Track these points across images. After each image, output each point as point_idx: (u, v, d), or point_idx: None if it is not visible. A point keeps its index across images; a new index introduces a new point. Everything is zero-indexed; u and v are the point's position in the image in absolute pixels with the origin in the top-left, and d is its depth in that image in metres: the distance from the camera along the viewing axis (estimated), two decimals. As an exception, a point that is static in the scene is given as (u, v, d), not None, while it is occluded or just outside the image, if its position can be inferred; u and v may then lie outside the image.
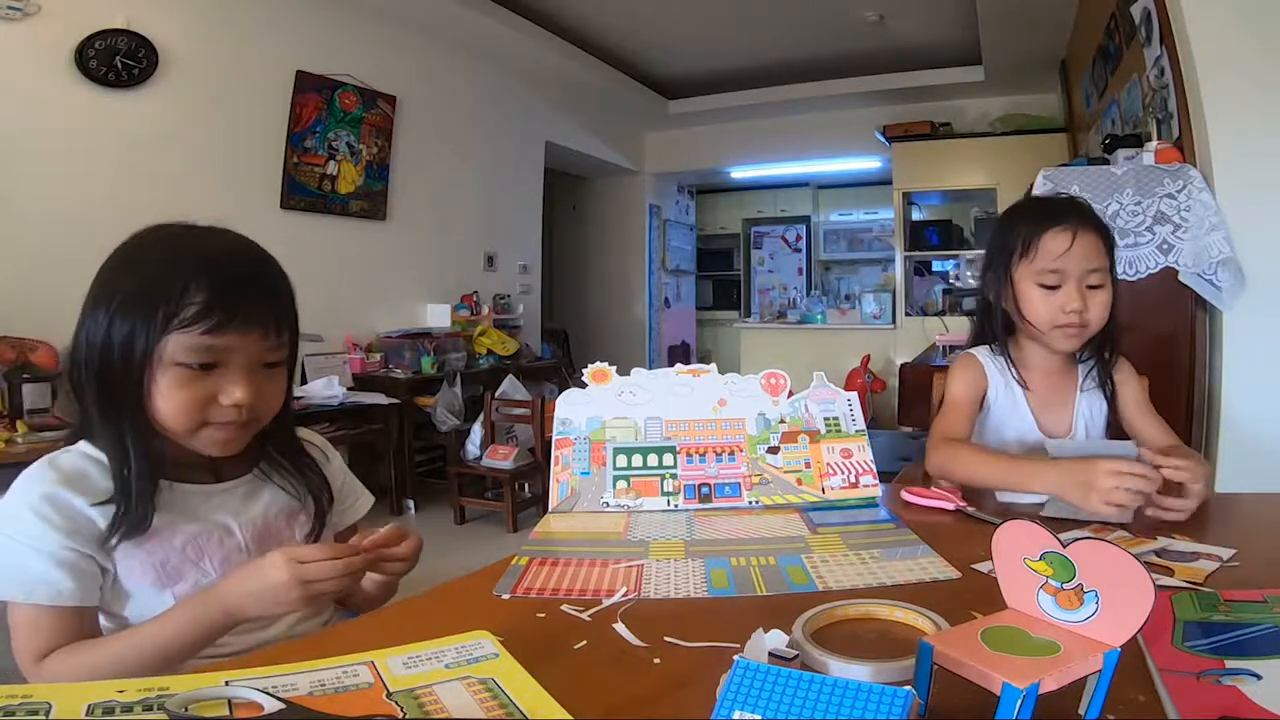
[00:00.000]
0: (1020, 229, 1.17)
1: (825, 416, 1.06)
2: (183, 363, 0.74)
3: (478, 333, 4.47)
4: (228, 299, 0.74)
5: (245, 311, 0.75)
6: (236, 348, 0.76)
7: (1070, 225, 1.13)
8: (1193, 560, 0.73)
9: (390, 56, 4.16)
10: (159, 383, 0.74)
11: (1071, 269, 1.12)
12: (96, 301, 0.75)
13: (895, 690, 0.39)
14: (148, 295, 0.73)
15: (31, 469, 0.74)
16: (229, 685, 0.47)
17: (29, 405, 2.54)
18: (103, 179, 2.96)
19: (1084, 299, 1.13)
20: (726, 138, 6.66)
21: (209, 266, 0.75)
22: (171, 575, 0.76)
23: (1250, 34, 1.89)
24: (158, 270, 0.75)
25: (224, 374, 0.76)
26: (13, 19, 2.66)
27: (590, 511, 0.98)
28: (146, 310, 0.73)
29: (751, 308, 8.29)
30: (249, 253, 0.81)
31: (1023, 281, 1.17)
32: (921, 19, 4.67)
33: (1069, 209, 1.16)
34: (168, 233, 0.80)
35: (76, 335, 0.76)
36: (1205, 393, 2.00)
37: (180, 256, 0.76)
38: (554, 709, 0.46)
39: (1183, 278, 1.91)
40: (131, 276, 0.75)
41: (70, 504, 0.72)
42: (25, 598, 0.69)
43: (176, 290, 0.72)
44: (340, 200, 3.92)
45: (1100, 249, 1.14)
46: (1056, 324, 1.14)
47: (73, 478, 0.73)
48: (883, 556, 0.78)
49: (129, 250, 0.79)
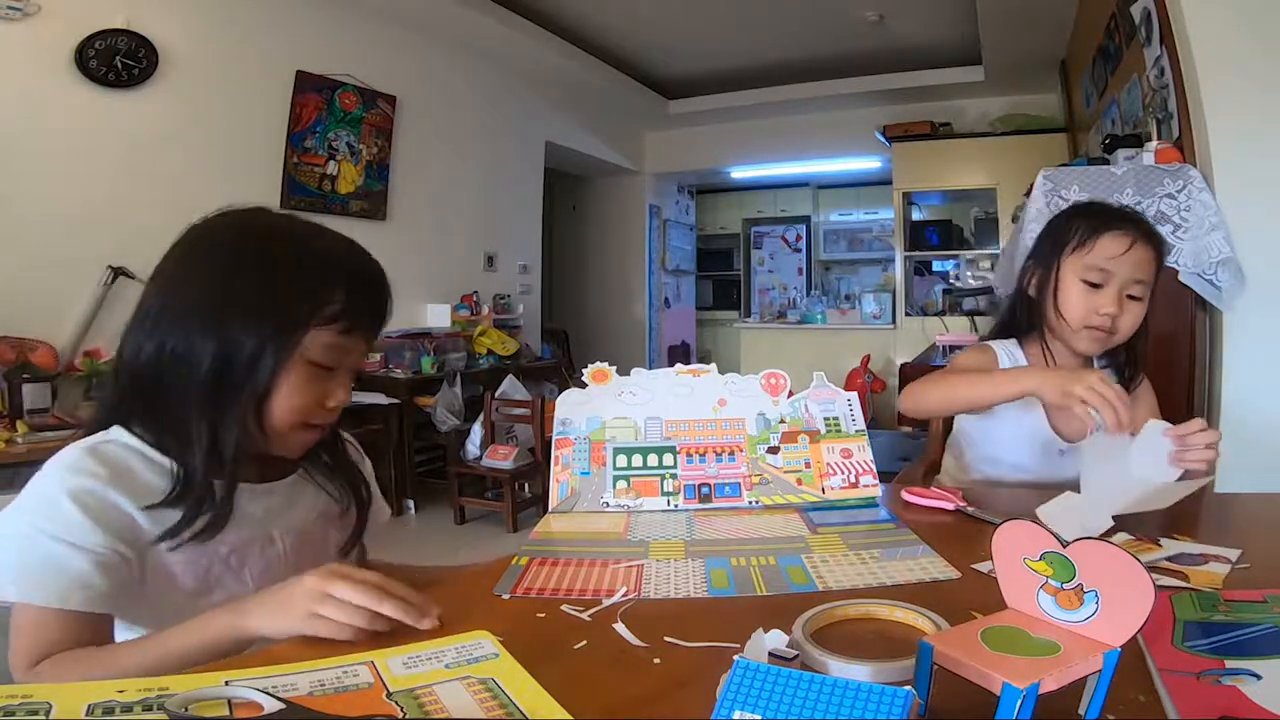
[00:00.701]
0: (1080, 223, 1.18)
1: (825, 416, 1.06)
2: (315, 361, 0.73)
3: (478, 333, 4.47)
4: (362, 300, 0.75)
5: (373, 314, 0.77)
6: (354, 351, 0.76)
7: (1131, 232, 1.14)
8: (1203, 564, 0.73)
9: (390, 56, 4.16)
10: (289, 379, 0.71)
11: (1119, 273, 1.13)
12: (205, 302, 0.70)
13: (895, 690, 0.39)
14: (288, 291, 0.71)
15: (69, 456, 0.68)
16: (229, 685, 0.47)
17: (29, 405, 2.54)
18: (103, 179, 2.96)
19: (1120, 305, 1.14)
20: (726, 138, 6.66)
21: (347, 266, 0.75)
22: (211, 585, 0.72)
23: (1250, 34, 1.89)
24: (297, 267, 0.73)
25: (334, 376, 0.75)
26: (13, 19, 2.66)
27: (590, 511, 0.98)
28: (286, 307, 0.71)
29: (751, 308, 8.29)
30: (371, 258, 0.80)
31: (1068, 274, 1.18)
32: (921, 19, 4.67)
33: (1134, 218, 1.18)
34: (286, 229, 0.77)
35: (167, 338, 0.70)
36: (1205, 393, 2.00)
37: (317, 254, 0.75)
38: (554, 709, 0.46)
39: (1183, 278, 1.91)
40: (261, 273, 0.72)
41: (117, 501, 0.67)
42: (60, 603, 0.62)
43: (319, 287, 0.72)
44: (340, 200, 3.92)
45: (1151, 265, 1.15)
46: (1088, 324, 1.15)
47: (120, 471, 0.68)
48: (883, 556, 0.78)
49: (240, 245, 0.74)
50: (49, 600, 0.62)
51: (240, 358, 0.69)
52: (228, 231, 0.76)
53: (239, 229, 0.76)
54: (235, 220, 0.77)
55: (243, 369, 0.70)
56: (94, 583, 0.64)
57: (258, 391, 0.70)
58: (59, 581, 0.63)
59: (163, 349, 0.70)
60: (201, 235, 0.76)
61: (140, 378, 0.71)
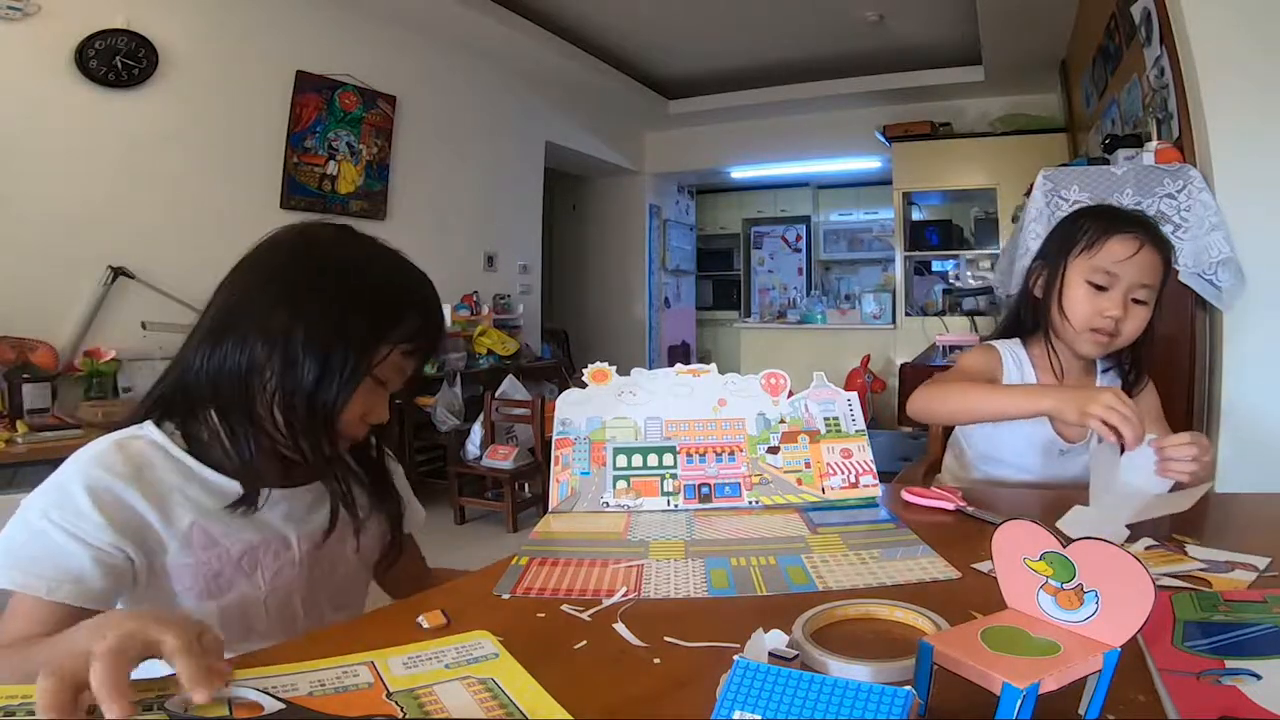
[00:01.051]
0: (1088, 224, 1.18)
1: (825, 416, 1.06)
2: (380, 378, 0.75)
3: (478, 333, 4.47)
4: (431, 331, 0.79)
5: (436, 341, 0.81)
6: (407, 372, 0.79)
7: (1140, 236, 1.14)
8: (1229, 571, 0.72)
9: (390, 56, 4.16)
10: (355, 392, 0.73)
11: (1125, 276, 1.13)
12: (312, 317, 0.71)
13: (895, 690, 0.39)
14: (378, 310, 0.74)
15: (98, 448, 0.69)
16: (229, 685, 0.47)
17: (29, 405, 2.54)
18: (103, 179, 2.96)
19: (1125, 309, 1.13)
20: (726, 138, 6.66)
21: (425, 291, 0.80)
22: (223, 587, 0.72)
23: (1250, 34, 1.89)
24: (389, 288, 0.77)
25: (382, 394, 0.78)
26: (13, 19, 2.66)
27: (590, 511, 0.98)
28: (374, 325, 0.74)
29: (751, 308, 8.29)
30: (436, 291, 0.83)
31: (1074, 275, 1.17)
32: (921, 19, 4.67)
33: (1143, 222, 1.17)
34: (381, 251, 0.80)
35: (247, 348, 0.71)
36: (1205, 393, 2.00)
37: (405, 278, 0.79)
38: (554, 709, 0.46)
39: (1183, 278, 1.91)
40: (360, 292, 0.74)
41: (133, 502, 0.67)
42: (48, 594, 0.62)
43: (403, 310, 0.76)
44: (340, 200, 3.92)
45: (1158, 269, 1.15)
46: (1092, 326, 1.15)
47: (143, 468, 0.69)
48: (883, 556, 0.78)
49: (348, 262, 0.76)
50: (37, 590, 0.62)
51: (339, 369, 0.72)
52: (324, 245, 0.78)
53: (338, 242, 0.79)
54: (327, 234, 0.79)
55: (338, 377, 0.72)
56: (88, 578, 0.64)
57: (346, 396, 0.73)
58: (53, 573, 0.63)
59: (254, 355, 0.71)
60: (296, 246, 0.77)
61: (218, 382, 0.72)
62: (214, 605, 0.72)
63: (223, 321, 0.73)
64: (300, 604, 0.78)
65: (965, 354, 1.28)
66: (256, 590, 0.74)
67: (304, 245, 0.77)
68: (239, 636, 0.73)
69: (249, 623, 0.74)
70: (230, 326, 0.72)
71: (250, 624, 0.74)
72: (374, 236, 0.81)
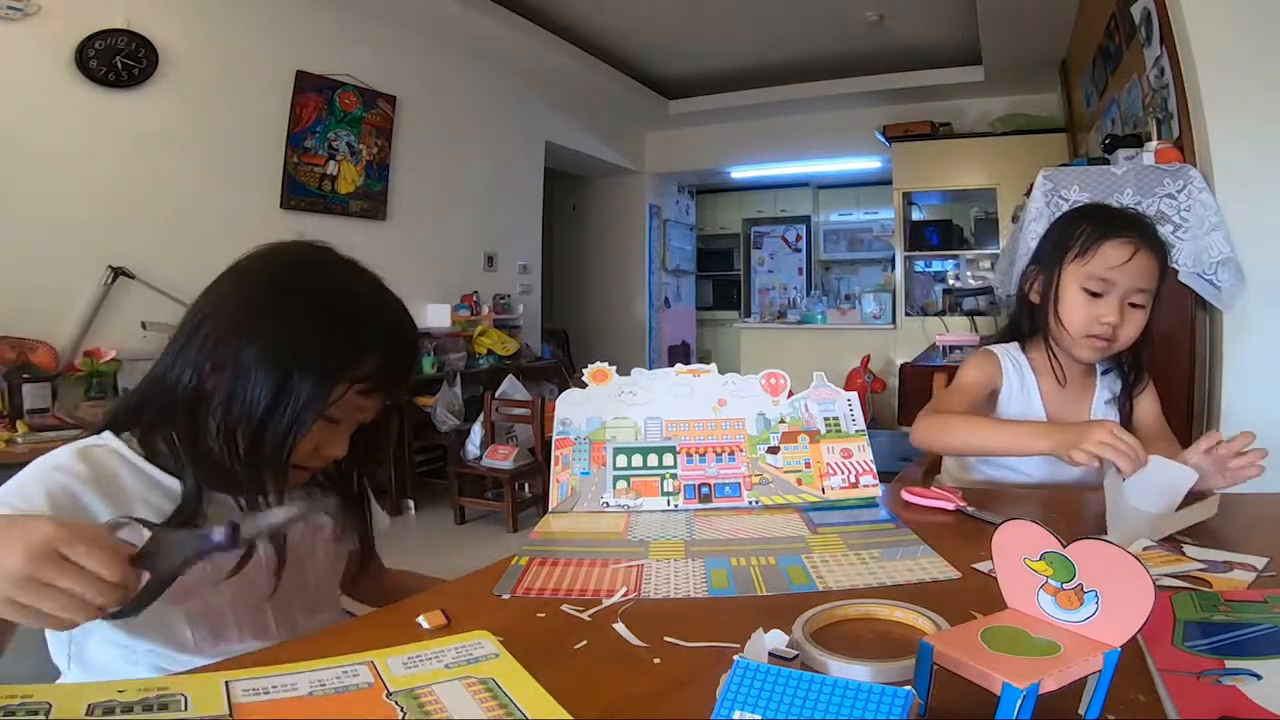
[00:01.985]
0: (1082, 229, 1.16)
1: (825, 416, 1.06)
2: (332, 417, 0.74)
3: (478, 333, 4.47)
4: (396, 365, 0.77)
5: (401, 380, 0.78)
6: (368, 410, 0.77)
7: (1134, 240, 1.12)
8: (1227, 571, 0.71)
9: (390, 56, 4.16)
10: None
11: (1121, 282, 1.12)
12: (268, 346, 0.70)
13: (895, 690, 0.39)
14: (333, 344, 0.72)
15: (58, 455, 0.69)
16: (228, 686, 0.47)
17: (29, 405, 2.54)
18: (103, 179, 2.96)
19: (1122, 314, 1.12)
20: (726, 138, 6.66)
21: (391, 330, 0.77)
22: (184, 593, 0.71)
23: (1250, 34, 1.89)
24: (354, 327, 0.74)
25: (339, 429, 0.76)
26: (13, 19, 2.66)
27: (590, 511, 0.98)
28: (332, 364, 0.71)
29: (751, 308, 8.29)
30: (413, 324, 0.81)
31: (1069, 282, 1.16)
32: (921, 19, 4.67)
33: (1136, 223, 1.15)
34: (348, 279, 0.77)
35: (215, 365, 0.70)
36: (1205, 393, 2.00)
37: (374, 316, 0.76)
38: (554, 709, 0.46)
39: (1183, 278, 1.91)
40: (319, 321, 0.72)
41: (91, 505, 0.67)
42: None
43: (364, 350, 0.73)
44: (340, 200, 3.92)
45: (1154, 272, 1.13)
46: (1089, 333, 1.14)
47: (103, 475, 0.69)
48: (883, 556, 0.78)
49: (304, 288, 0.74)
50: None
51: (289, 405, 0.70)
52: (295, 271, 0.76)
53: (309, 271, 0.77)
54: (302, 259, 0.77)
55: (289, 415, 0.70)
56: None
57: (299, 432, 0.71)
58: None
59: (203, 373, 0.71)
60: (266, 269, 0.76)
61: (171, 394, 0.72)
62: (180, 610, 0.71)
63: (186, 338, 0.72)
64: (271, 610, 0.77)
65: (964, 365, 1.27)
66: (221, 597, 0.73)
67: (275, 267, 0.76)
68: (210, 642, 0.73)
69: (219, 629, 0.74)
70: (190, 344, 0.72)
71: (220, 630, 0.74)
72: (355, 260, 0.79)
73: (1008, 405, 1.23)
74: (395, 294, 0.80)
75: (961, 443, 1.12)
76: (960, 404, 1.19)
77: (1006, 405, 1.23)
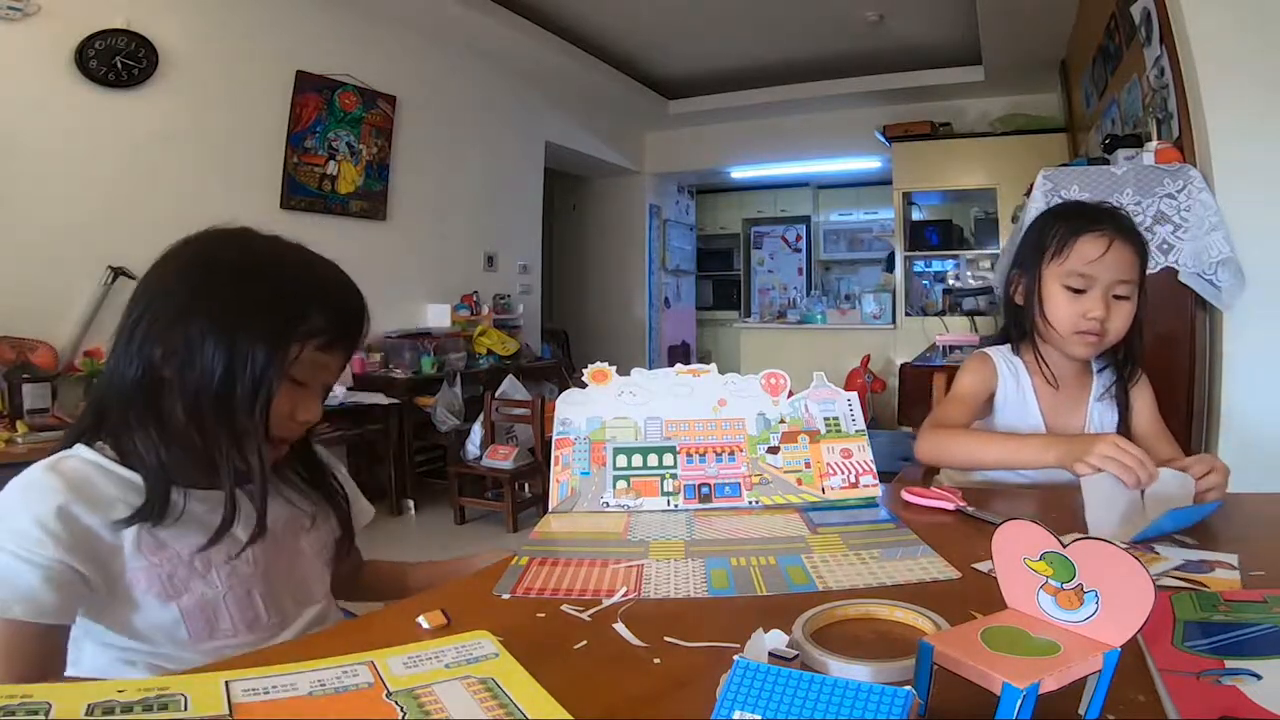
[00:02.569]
0: (1056, 228, 1.16)
1: (825, 416, 1.06)
2: (296, 377, 0.75)
3: (478, 333, 4.47)
4: (344, 320, 0.79)
5: (352, 331, 0.80)
6: (330, 367, 0.79)
7: (1107, 233, 1.12)
8: (1210, 570, 0.71)
9: (390, 56, 4.16)
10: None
11: (1101, 276, 1.12)
12: (212, 318, 0.72)
13: (895, 690, 0.39)
14: (280, 306, 0.74)
15: (34, 477, 0.70)
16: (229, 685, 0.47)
17: (29, 405, 2.54)
18: (103, 179, 2.96)
19: (1108, 308, 1.12)
20: (726, 138, 6.66)
21: (330, 284, 0.80)
22: (178, 588, 0.73)
23: (1250, 34, 1.89)
24: (287, 284, 0.76)
25: (308, 391, 0.78)
26: (13, 19, 2.66)
27: (590, 511, 0.98)
28: (280, 325, 0.73)
29: (751, 308, 8.29)
30: (348, 278, 0.83)
31: (1050, 282, 1.16)
32: (921, 19, 4.67)
33: (1108, 216, 1.15)
34: (274, 248, 0.80)
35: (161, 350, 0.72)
36: (1205, 393, 2.00)
37: (309, 274, 0.79)
38: (554, 709, 0.45)
39: (1183, 278, 1.91)
40: (258, 289, 0.74)
41: (76, 514, 0.68)
42: (3, 612, 0.63)
43: (307, 307, 0.75)
44: (340, 200, 3.92)
45: (1133, 262, 1.13)
46: (1077, 329, 1.14)
47: (78, 483, 0.70)
48: (883, 556, 0.78)
49: (235, 262, 0.76)
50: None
51: (246, 370, 0.71)
52: (222, 249, 0.78)
53: (235, 246, 0.78)
54: (225, 238, 0.79)
55: (249, 381, 0.71)
56: (40, 596, 0.65)
57: (266, 401, 0.72)
58: (3, 593, 0.64)
59: (153, 362, 0.72)
60: (194, 253, 0.77)
61: (126, 392, 0.73)
62: (175, 606, 0.72)
63: (129, 336, 0.73)
64: (261, 600, 0.78)
65: (961, 370, 1.27)
66: (214, 589, 0.75)
67: (199, 251, 0.77)
68: (205, 635, 0.74)
69: (213, 621, 0.75)
70: (132, 339, 0.73)
71: (214, 622, 0.75)
72: (277, 235, 0.81)
73: (1004, 407, 1.23)
74: (325, 257, 0.83)
75: (967, 456, 1.12)
76: (961, 414, 1.19)
77: (1003, 407, 1.23)
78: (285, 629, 0.80)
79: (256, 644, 0.76)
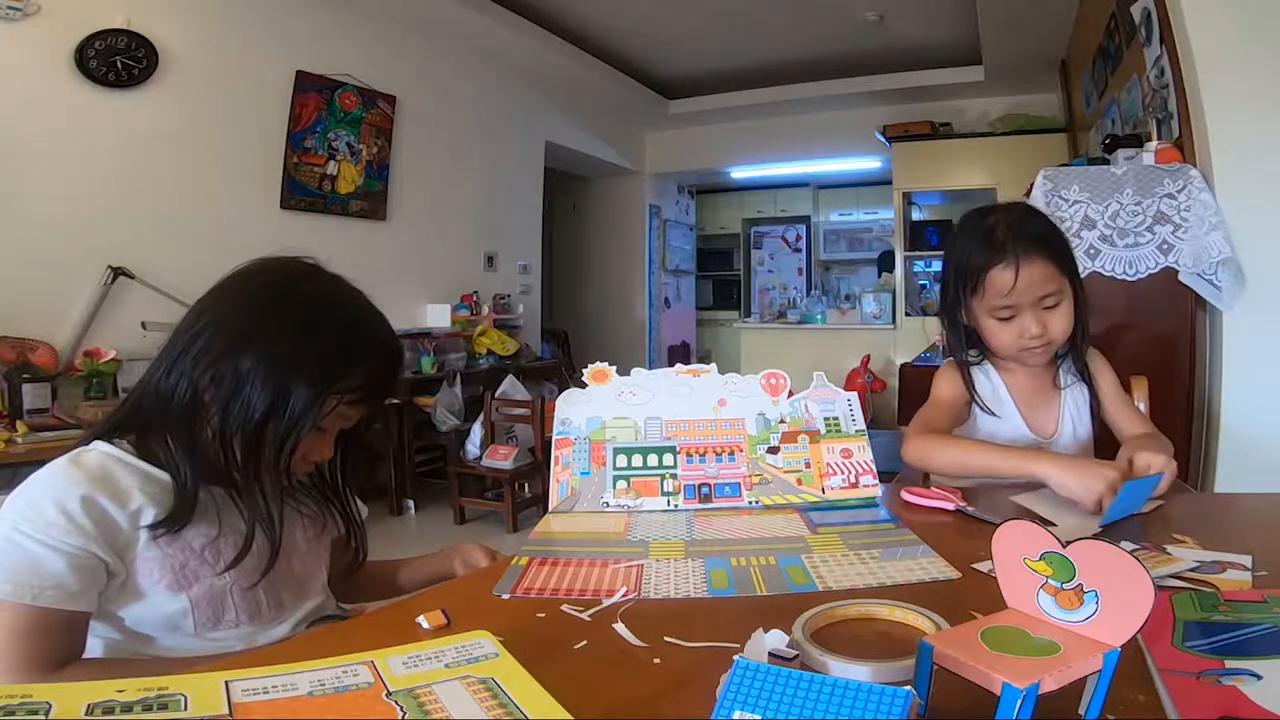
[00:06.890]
0: (970, 262, 1.15)
1: (825, 416, 1.06)
2: (323, 427, 0.78)
3: (478, 333, 4.47)
4: (380, 384, 0.82)
5: (384, 394, 0.84)
6: (352, 419, 0.82)
7: (1010, 261, 1.10)
8: (1221, 572, 0.71)
9: (390, 56, 4.16)
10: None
11: (1022, 300, 1.12)
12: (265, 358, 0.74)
13: (895, 690, 0.39)
14: (330, 363, 0.77)
15: (57, 469, 0.72)
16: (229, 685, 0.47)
17: (29, 405, 2.54)
18: (103, 179, 2.96)
19: (1041, 322, 1.13)
20: (726, 138, 6.66)
21: (377, 348, 0.83)
22: (189, 578, 0.75)
23: (1250, 34, 1.89)
24: (344, 341, 0.79)
25: (325, 437, 0.81)
26: (13, 19, 2.66)
27: (590, 511, 0.98)
28: (323, 379, 0.76)
29: (751, 308, 8.29)
30: (396, 337, 0.86)
31: (980, 315, 1.18)
32: (921, 19, 4.67)
33: (1007, 240, 1.11)
34: (344, 299, 0.82)
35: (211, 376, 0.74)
36: (1205, 393, 2.00)
37: (362, 331, 0.82)
38: (554, 709, 0.45)
39: (1183, 278, 1.91)
40: (314, 344, 0.77)
41: (100, 503, 0.70)
42: (33, 599, 0.66)
43: (352, 364, 0.78)
44: (340, 200, 3.92)
45: (1048, 271, 1.11)
46: (1021, 348, 1.16)
47: (99, 476, 0.72)
48: (883, 556, 0.78)
49: (310, 313, 0.78)
50: (23, 596, 0.66)
51: (284, 416, 0.74)
52: (293, 288, 0.80)
53: (304, 291, 0.81)
54: (300, 277, 0.82)
55: (284, 426, 0.74)
56: (67, 582, 0.67)
57: (294, 446, 0.75)
58: (36, 580, 0.66)
59: (200, 386, 0.74)
60: (269, 283, 0.80)
61: (165, 405, 0.75)
62: (185, 596, 0.75)
63: (182, 350, 0.76)
64: (263, 592, 0.81)
65: (937, 378, 1.28)
66: (223, 580, 0.77)
67: (267, 284, 0.80)
68: (211, 625, 0.77)
69: (219, 612, 0.77)
70: (184, 356, 0.75)
71: (220, 613, 0.77)
72: (341, 277, 0.83)
73: (981, 405, 1.24)
74: (378, 309, 0.85)
75: (954, 463, 1.11)
76: (944, 418, 1.21)
77: (980, 405, 1.24)
78: (282, 621, 0.82)
79: (255, 634, 0.79)
